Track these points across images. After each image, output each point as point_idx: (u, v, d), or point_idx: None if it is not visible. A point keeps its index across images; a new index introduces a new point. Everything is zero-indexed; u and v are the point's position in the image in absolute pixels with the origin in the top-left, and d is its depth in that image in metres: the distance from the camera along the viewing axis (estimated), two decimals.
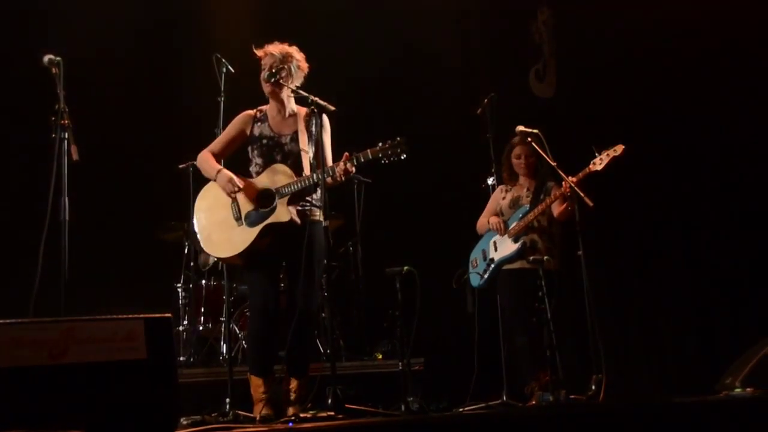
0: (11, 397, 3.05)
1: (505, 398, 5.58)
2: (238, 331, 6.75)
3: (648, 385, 7.72)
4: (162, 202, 7.15)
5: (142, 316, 3.36)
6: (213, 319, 6.94)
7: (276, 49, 4.83)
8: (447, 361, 6.89)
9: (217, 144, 4.93)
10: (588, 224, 5.43)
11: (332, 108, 4.63)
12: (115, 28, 7.52)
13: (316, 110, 4.65)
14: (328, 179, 4.61)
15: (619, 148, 5.41)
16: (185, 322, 6.95)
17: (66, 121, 4.63)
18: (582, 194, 5.27)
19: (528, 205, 5.70)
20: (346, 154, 4.60)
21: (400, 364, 5.63)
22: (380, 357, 7.01)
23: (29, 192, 5.83)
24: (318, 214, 4.75)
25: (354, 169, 4.60)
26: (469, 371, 5.76)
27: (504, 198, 5.88)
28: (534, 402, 5.35)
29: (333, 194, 4.85)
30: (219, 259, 5.04)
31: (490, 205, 5.99)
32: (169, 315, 3.43)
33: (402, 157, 4.58)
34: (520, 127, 5.62)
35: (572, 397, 5.17)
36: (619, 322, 8.00)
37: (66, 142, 4.60)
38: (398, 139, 4.58)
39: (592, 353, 5.22)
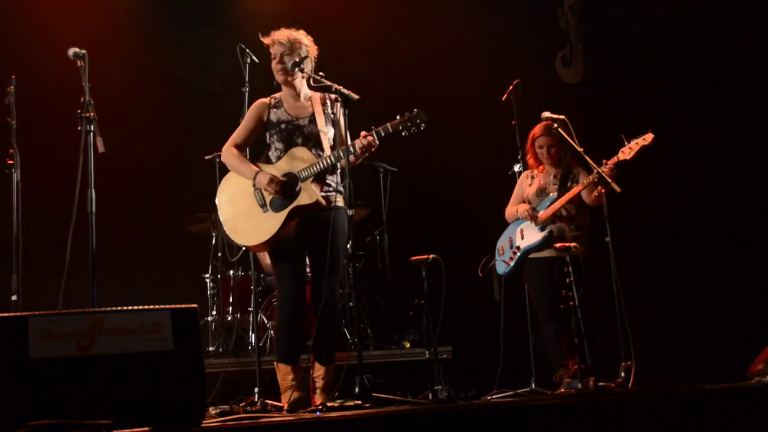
0: (40, 388, 3.07)
1: (533, 386, 5.56)
2: (266, 321, 6.77)
3: (678, 371, 7.65)
4: (189, 193, 7.18)
5: (168, 307, 3.37)
6: (241, 309, 6.96)
7: (283, 36, 4.80)
8: (475, 349, 6.86)
9: (238, 136, 4.91)
10: (617, 211, 5.38)
11: (356, 96, 4.60)
12: (139, 19, 7.56)
13: (339, 99, 4.63)
14: (351, 157, 4.59)
15: (649, 137, 5.34)
16: (213, 313, 6.99)
17: (92, 114, 4.65)
18: (610, 180, 5.22)
19: (555, 194, 5.65)
20: (363, 132, 4.59)
21: (427, 352, 5.62)
22: (408, 346, 6.99)
23: (57, 184, 5.86)
24: (340, 200, 4.75)
25: (377, 142, 4.59)
26: (497, 359, 5.73)
27: (530, 185, 5.83)
28: (563, 390, 5.32)
29: (359, 184, 4.84)
30: (247, 247, 5.04)
31: (517, 193, 5.95)
32: (195, 306, 3.43)
33: (422, 128, 4.57)
34: (546, 113, 5.58)
35: (601, 384, 5.13)
36: (649, 308, 7.92)
37: (92, 134, 4.63)
38: (416, 110, 4.58)
39: (621, 340, 5.17)
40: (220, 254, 6.93)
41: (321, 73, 4.78)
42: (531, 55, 8.39)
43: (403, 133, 4.60)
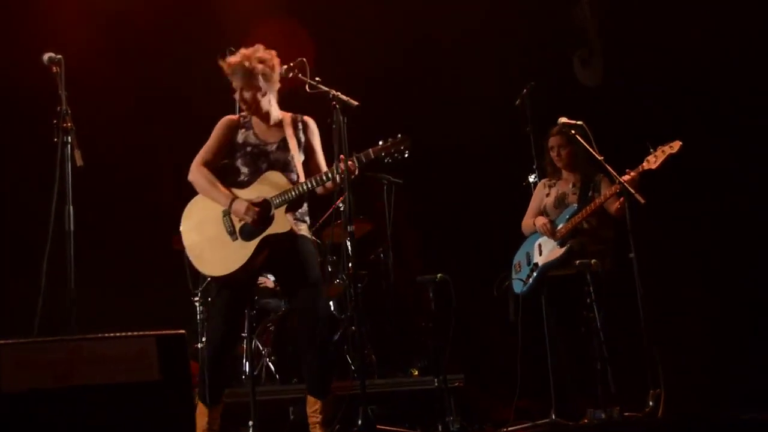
0: (14, 422, 3.07)
1: (553, 416, 5.53)
2: (261, 348, 6.77)
3: (712, 400, 7.61)
4: (175, 209, 7.17)
5: (153, 333, 3.37)
6: None
7: (236, 60, 4.77)
8: (489, 376, 6.85)
9: (208, 153, 4.90)
10: (643, 224, 5.37)
11: (355, 102, 4.62)
12: (122, 27, 7.59)
13: (337, 106, 4.64)
14: (329, 184, 4.62)
15: (676, 145, 5.32)
16: (204, 339, 6.97)
17: (69, 124, 4.65)
18: (633, 191, 5.21)
19: (575, 204, 5.65)
20: (341, 156, 4.60)
21: (436, 380, 5.60)
22: (416, 373, 6.98)
23: (31, 201, 5.88)
24: (303, 228, 4.80)
25: (356, 170, 4.60)
26: (514, 387, 5.72)
27: (548, 195, 5.84)
28: (586, 420, 5.30)
29: (360, 197, 4.84)
30: (212, 278, 4.99)
31: (534, 203, 5.95)
32: (183, 332, 3.42)
33: (405, 156, 4.58)
34: (563, 119, 5.59)
35: (627, 414, 5.12)
36: (680, 330, 7.90)
37: (69, 146, 4.63)
38: (400, 135, 4.59)
39: (649, 365, 5.16)
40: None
41: (317, 78, 4.80)
42: (546, 55, 8.40)
43: (386, 160, 4.61)
